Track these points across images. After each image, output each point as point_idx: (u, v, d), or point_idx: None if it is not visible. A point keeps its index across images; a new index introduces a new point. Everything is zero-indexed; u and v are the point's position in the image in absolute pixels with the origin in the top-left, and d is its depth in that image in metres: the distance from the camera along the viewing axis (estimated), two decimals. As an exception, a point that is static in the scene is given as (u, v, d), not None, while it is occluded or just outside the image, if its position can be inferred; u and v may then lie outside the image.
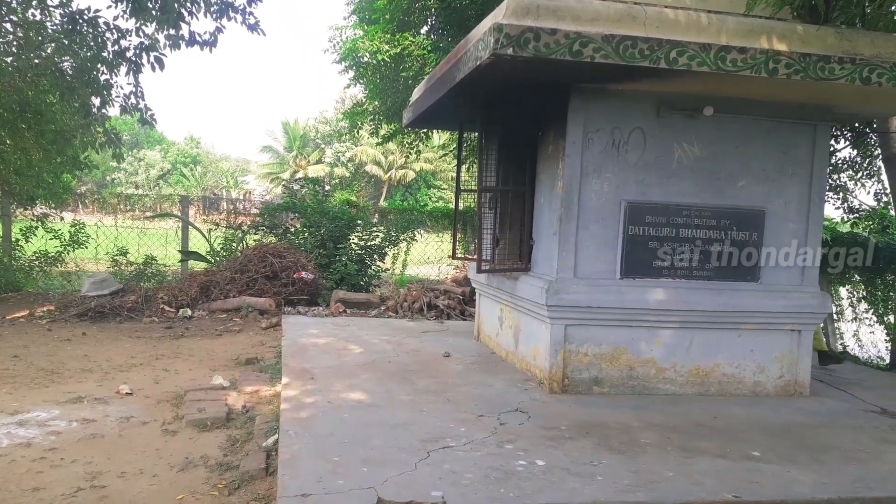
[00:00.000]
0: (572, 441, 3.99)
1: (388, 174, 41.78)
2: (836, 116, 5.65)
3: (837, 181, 9.23)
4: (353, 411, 4.36)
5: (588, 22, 4.19)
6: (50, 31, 8.52)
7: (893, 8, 5.22)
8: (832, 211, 9.39)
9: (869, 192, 9.34)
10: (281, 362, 5.76)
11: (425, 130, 13.28)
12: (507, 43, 3.98)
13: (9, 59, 8.47)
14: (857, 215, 9.24)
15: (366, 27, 11.73)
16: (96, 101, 8.77)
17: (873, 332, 9.19)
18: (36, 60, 8.41)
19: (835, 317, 8.98)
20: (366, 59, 11.46)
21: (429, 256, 13.32)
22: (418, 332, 7.35)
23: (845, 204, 9.25)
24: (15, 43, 8.49)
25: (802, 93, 4.86)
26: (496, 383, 5.26)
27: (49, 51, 8.50)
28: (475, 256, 6.21)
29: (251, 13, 8.60)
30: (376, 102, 12.75)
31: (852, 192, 9.36)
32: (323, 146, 46.00)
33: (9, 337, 6.85)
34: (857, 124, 8.23)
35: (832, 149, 8.41)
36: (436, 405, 4.58)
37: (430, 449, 3.71)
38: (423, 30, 11.38)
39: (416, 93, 6.89)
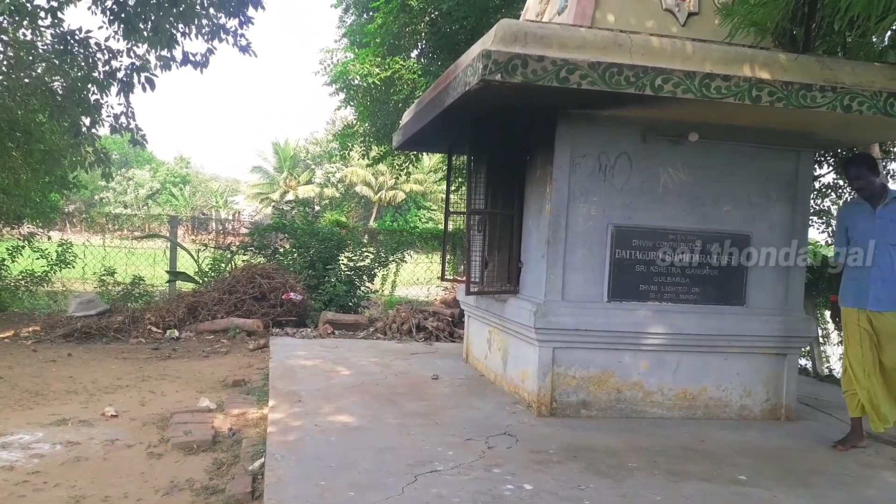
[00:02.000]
0: (560, 465, 3.99)
1: (378, 195, 41.86)
2: (818, 143, 5.76)
3: (821, 206, 9.36)
4: (340, 434, 4.34)
5: (575, 49, 4.26)
6: (41, 50, 8.55)
7: (874, 38, 5.34)
8: (816, 235, 9.51)
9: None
10: (268, 384, 5.73)
11: (415, 153, 13.37)
12: (495, 69, 4.04)
13: (-1, 79, 8.49)
14: (841, 239, 9.34)
15: (357, 50, 11.84)
16: (86, 120, 8.78)
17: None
18: (26, 80, 8.42)
19: (820, 340, 9.04)
20: (357, 81, 11.55)
21: (418, 277, 13.33)
22: (407, 354, 7.34)
23: (829, 228, 9.36)
24: (5, 62, 8.51)
25: (785, 120, 4.95)
26: (484, 406, 5.26)
27: (39, 70, 8.52)
28: (464, 278, 6.23)
29: (243, 35, 8.68)
30: (367, 124, 12.84)
31: (835, 216, 9.48)
32: (313, 167, 46.06)
33: (-7, 358, 6.79)
34: (839, 150, 8.36)
35: (816, 174, 8.53)
36: (424, 428, 4.57)
37: (418, 473, 3.70)
38: (414, 54, 11.50)
39: (406, 116, 6.96)
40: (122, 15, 7.90)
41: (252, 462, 3.98)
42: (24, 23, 8.09)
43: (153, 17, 7.94)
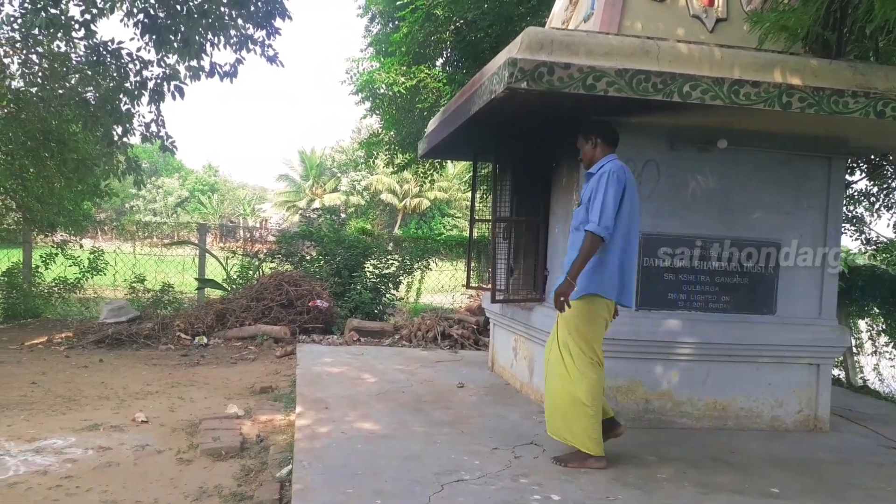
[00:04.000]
0: (587, 475, 3.95)
1: (403, 202, 42.02)
2: (851, 149, 5.65)
3: (854, 213, 9.19)
4: (366, 442, 4.35)
5: (601, 56, 4.24)
6: (74, 62, 8.73)
7: (907, 42, 5.24)
8: (849, 242, 9.33)
9: (889, 224, 9.30)
10: (295, 391, 5.77)
11: (440, 160, 13.39)
12: (521, 77, 4.04)
13: (34, 90, 8.68)
14: (874, 247, 9.17)
15: (382, 59, 11.90)
16: (118, 129, 8.95)
17: (894, 366, 9.06)
18: (60, 91, 8.61)
19: (854, 350, 8.86)
20: (382, 90, 11.62)
21: (443, 285, 13.32)
22: (432, 362, 7.34)
23: (862, 236, 9.19)
24: (40, 74, 8.71)
25: (816, 126, 4.88)
26: (511, 415, 5.23)
27: (73, 81, 8.71)
28: (489, 286, 6.21)
29: (270, 45, 8.77)
30: (392, 133, 12.89)
31: (869, 223, 9.30)
32: (339, 175, 46.40)
33: (28, 363, 6.92)
34: (872, 156, 8.21)
35: (848, 181, 8.39)
36: (450, 437, 4.56)
37: (444, 482, 3.69)
38: (439, 62, 11.53)
39: (432, 124, 6.98)
40: (153, 27, 8.05)
41: (279, 469, 4.00)
42: (59, 35, 8.28)
43: (183, 29, 8.07)
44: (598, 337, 4.12)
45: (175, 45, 8.21)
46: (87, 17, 8.12)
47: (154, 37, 8.07)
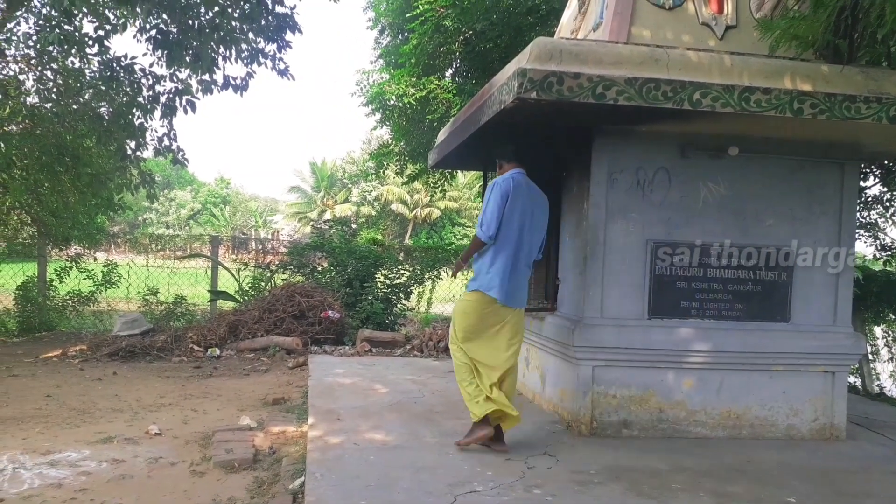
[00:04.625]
0: (602, 486, 3.93)
1: (414, 212, 42.11)
2: (864, 155, 5.62)
3: (868, 219, 9.11)
4: (379, 453, 4.34)
5: (611, 65, 4.25)
6: (88, 77, 8.84)
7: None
8: (864, 248, 9.25)
9: (903, 230, 9.20)
10: (307, 402, 5.77)
11: (450, 170, 13.41)
12: (530, 87, 4.05)
13: (48, 106, 8.80)
14: (889, 252, 9.08)
15: (392, 71, 11.97)
16: (131, 144, 9.05)
17: (911, 373, 8.94)
18: (74, 106, 8.72)
19: (870, 357, 8.76)
20: (392, 101, 11.67)
21: (454, 295, 13.31)
22: (444, 372, 7.32)
23: (877, 242, 9.10)
24: (55, 90, 8.83)
25: (829, 132, 4.85)
26: (523, 425, 5.18)
27: (87, 97, 8.82)
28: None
29: (281, 59, 8.86)
30: (402, 143, 12.94)
31: (883, 229, 9.21)
32: (350, 186, 46.59)
33: (42, 376, 6.97)
34: (886, 161, 8.15)
35: (861, 186, 8.32)
36: (462, 447, 4.54)
37: (457, 493, 3.68)
38: (448, 73, 11.58)
39: (442, 135, 7.00)
40: (165, 43, 8.14)
41: (292, 481, 4.00)
42: (73, 51, 8.39)
43: (195, 44, 8.16)
44: (470, 326, 4.50)
45: (187, 59, 8.30)
46: (101, 33, 8.24)
47: (166, 52, 8.17)
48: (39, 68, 8.75)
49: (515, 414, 4.44)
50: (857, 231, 6.58)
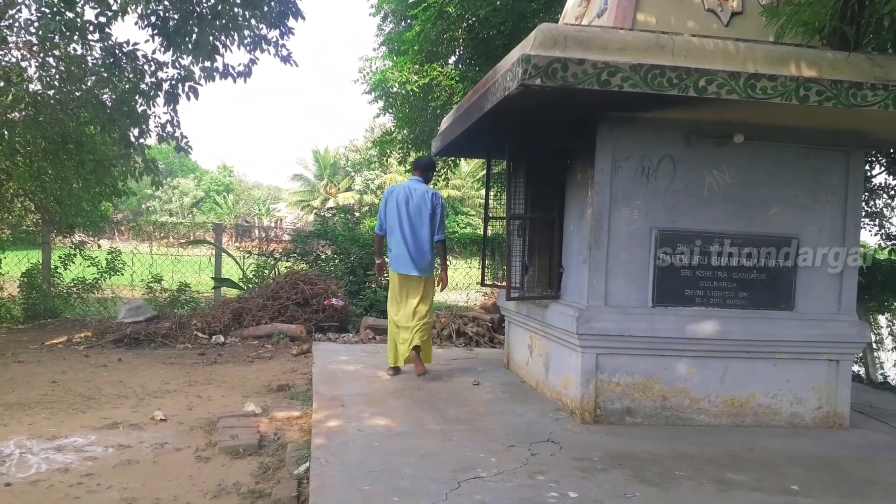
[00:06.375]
0: (605, 473, 3.94)
1: (417, 201, 41.92)
2: (870, 142, 5.58)
3: (873, 207, 9.07)
4: (382, 439, 4.36)
5: (616, 52, 4.22)
6: (91, 64, 8.81)
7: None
8: (869, 237, 9.22)
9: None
10: (311, 389, 5.80)
11: (454, 158, 13.38)
12: (535, 73, 4.03)
13: (51, 93, 8.77)
14: (894, 241, 9.06)
15: (395, 58, 11.91)
16: (135, 131, 9.02)
17: (914, 362, 8.94)
18: (77, 93, 8.68)
19: (874, 346, 8.76)
20: (395, 89, 11.63)
21: (457, 283, 13.31)
22: (447, 360, 7.34)
23: (882, 230, 9.07)
24: (57, 77, 8.80)
25: (834, 119, 4.82)
26: (526, 413, 5.22)
27: (90, 84, 8.79)
28: (504, 283, 6.21)
29: (284, 45, 8.80)
30: (405, 131, 12.90)
31: (889, 218, 9.18)
32: (353, 174, 46.49)
33: (48, 363, 7.01)
34: (892, 150, 8.10)
35: (867, 175, 8.28)
36: (466, 434, 4.56)
37: (461, 479, 3.69)
38: (451, 60, 11.52)
39: (445, 122, 6.98)
40: (164, 29, 8.10)
41: (297, 466, 4.03)
42: (75, 38, 8.35)
43: (195, 31, 8.12)
44: (392, 293, 6.46)
45: (188, 46, 8.26)
46: (102, 19, 8.19)
47: (165, 40, 8.12)
48: (42, 55, 8.72)
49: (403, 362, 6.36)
50: (862, 220, 6.55)
